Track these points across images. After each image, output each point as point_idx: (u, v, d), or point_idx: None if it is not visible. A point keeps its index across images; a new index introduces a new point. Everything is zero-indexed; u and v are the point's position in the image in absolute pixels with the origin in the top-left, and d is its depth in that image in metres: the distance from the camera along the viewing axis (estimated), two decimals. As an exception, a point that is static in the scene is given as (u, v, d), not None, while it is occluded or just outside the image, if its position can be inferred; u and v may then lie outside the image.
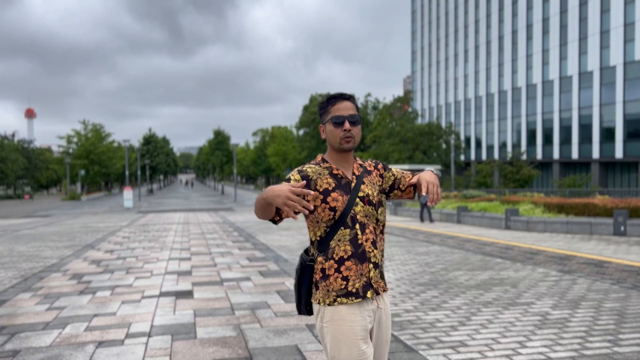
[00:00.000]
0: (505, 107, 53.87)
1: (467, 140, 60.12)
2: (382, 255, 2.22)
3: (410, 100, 67.27)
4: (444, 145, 49.61)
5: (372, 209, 2.17)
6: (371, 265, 2.12)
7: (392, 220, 20.68)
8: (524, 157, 45.16)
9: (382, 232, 2.23)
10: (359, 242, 2.11)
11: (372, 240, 2.14)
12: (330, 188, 2.12)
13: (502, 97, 54.28)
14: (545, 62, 48.03)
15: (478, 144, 58.80)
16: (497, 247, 11.17)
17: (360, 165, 2.27)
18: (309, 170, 2.17)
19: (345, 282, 2.07)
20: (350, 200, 2.13)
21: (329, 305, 2.08)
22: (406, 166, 40.75)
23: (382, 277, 2.19)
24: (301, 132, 65.80)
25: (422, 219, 20.03)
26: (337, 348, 2.05)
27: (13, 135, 76.23)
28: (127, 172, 45.44)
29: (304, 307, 2.21)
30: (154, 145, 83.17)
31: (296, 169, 2.21)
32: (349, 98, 2.19)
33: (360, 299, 2.07)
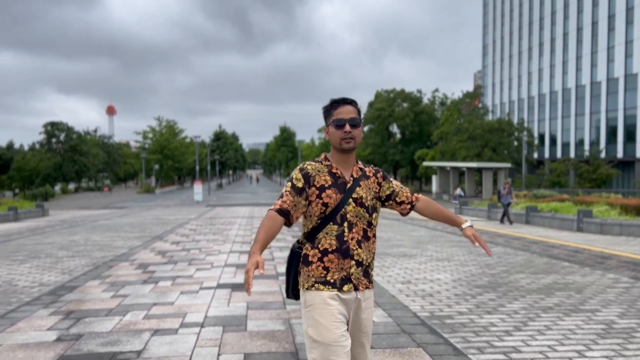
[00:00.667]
0: (583, 103, 50.97)
1: (541, 137, 57.45)
2: (372, 257, 2.39)
3: (480, 95, 65.18)
4: (515, 143, 47.68)
5: (363, 211, 2.34)
6: (353, 262, 2.29)
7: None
8: (603, 155, 42.55)
9: (374, 236, 2.40)
10: (344, 239, 2.28)
11: (357, 239, 2.31)
12: (326, 185, 2.30)
13: (580, 92, 51.38)
14: (628, 55, 44.92)
15: (553, 141, 56.06)
16: (565, 249, 10.61)
17: (361, 169, 2.44)
18: (309, 167, 2.35)
19: (325, 272, 2.26)
20: (343, 199, 2.30)
21: (307, 289, 2.26)
22: (474, 164, 39.57)
23: (365, 275, 2.35)
24: (365, 128, 65.44)
25: (502, 220, 18.55)
26: (318, 331, 2.20)
27: (95, 131, 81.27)
28: (197, 167, 47.23)
29: (292, 291, 2.38)
30: (223, 141, 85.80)
31: (299, 167, 2.40)
32: (351, 102, 2.38)
33: (336, 290, 2.24)
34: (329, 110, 2.39)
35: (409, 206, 2.55)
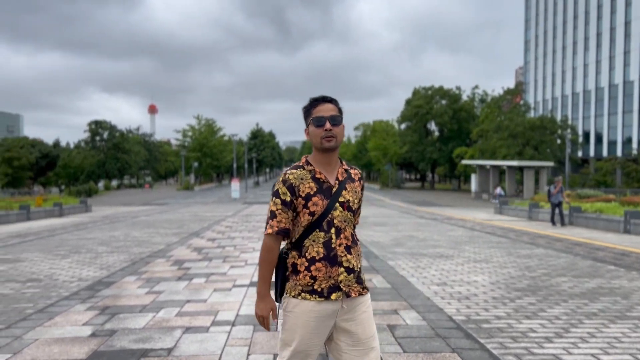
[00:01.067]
0: (631, 99, 48.95)
1: (586, 135, 55.55)
2: (358, 261, 2.30)
3: (522, 92, 63.50)
4: (558, 141, 46.22)
5: (350, 215, 2.27)
6: (342, 269, 2.21)
7: (496, 220, 19.67)
8: (652, 154, 40.76)
9: (354, 240, 2.31)
10: (332, 245, 2.21)
11: (346, 245, 2.24)
12: (311, 192, 2.22)
13: (628, 89, 49.36)
14: (681, 48, 42.83)
15: (598, 139, 54.13)
16: (611, 252, 10.16)
17: (346, 170, 2.35)
18: (291, 177, 2.24)
19: (312, 281, 2.20)
20: (329, 204, 2.22)
21: (293, 297, 2.21)
22: (515, 162, 38.59)
23: (359, 281, 2.28)
24: (403, 126, 64.85)
25: (553, 222, 17.04)
26: (291, 336, 2.21)
27: (137, 129, 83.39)
28: (235, 165, 47.80)
29: (279, 297, 2.32)
30: (260, 139, 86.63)
31: (281, 179, 2.27)
32: (331, 101, 2.31)
33: (323, 299, 2.19)
34: (308, 110, 2.31)
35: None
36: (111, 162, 66.22)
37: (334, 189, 2.25)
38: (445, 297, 6.09)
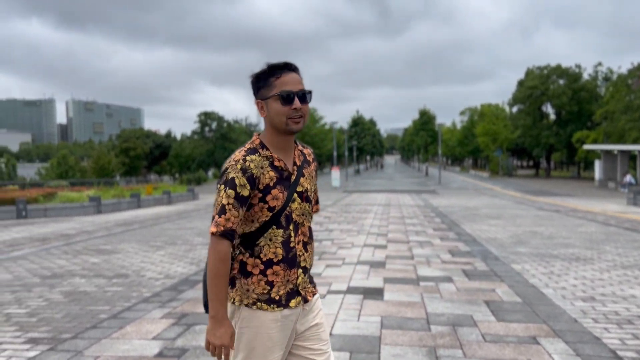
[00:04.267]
0: None
1: None
2: (312, 258, 1.99)
3: (655, 67, 56.25)
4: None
5: (308, 207, 1.95)
6: (300, 271, 1.91)
7: (632, 213, 16.99)
8: None
9: (311, 235, 1.98)
10: (291, 244, 1.88)
11: (303, 242, 1.92)
12: (271, 184, 1.83)
13: None
14: None
15: None
16: None
17: (301, 152, 1.99)
18: (252, 165, 1.80)
19: (269, 288, 1.85)
20: (288, 196, 1.86)
21: (246, 306, 1.84)
22: (648, 147, 33.96)
23: (311, 281, 1.99)
24: (514, 109, 60.39)
25: None
26: (250, 355, 1.85)
27: (246, 119, 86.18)
28: (335, 153, 47.34)
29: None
30: (361, 127, 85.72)
31: (239, 166, 1.79)
32: (296, 69, 1.87)
33: (282, 308, 1.86)
34: (266, 79, 1.83)
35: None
36: (219, 151, 68.91)
37: (293, 177, 1.88)
38: (598, 318, 4.68)
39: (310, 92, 1.87)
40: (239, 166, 1.78)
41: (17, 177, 43.49)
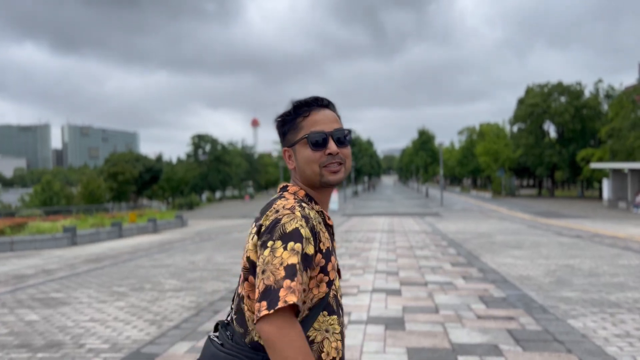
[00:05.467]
0: None
1: None
2: None
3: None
4: None
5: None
6: None
7: (664, 237, 15.31)
8: None
9: None
10: (343, 335, 1.41)
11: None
12: (330, 248, 1.38)
13: None
14: None
15: None
16: None
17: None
18: (311, 214, 1.34)
19: None
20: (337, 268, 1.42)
21: None
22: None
23: None
24: (515, 128, 59.16)
25: None
26: None
27: (242, 142, 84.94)
28: (332, 175, 45.74)
29: None
30: (358, 147, 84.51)
31: (299, 214, 1.30)
32: (329, 105, 1.48)
33: None
34: (292, 121, 1.45)
35: None
36: (213, 174, 67.36)
37: (334, 242, 1.45)
38: None
39: (349, 132, 1.47)
40: (298, 213, 1.30)
41: (2, 204, 41.71)
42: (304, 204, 1.37)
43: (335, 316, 1.37)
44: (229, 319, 1.43)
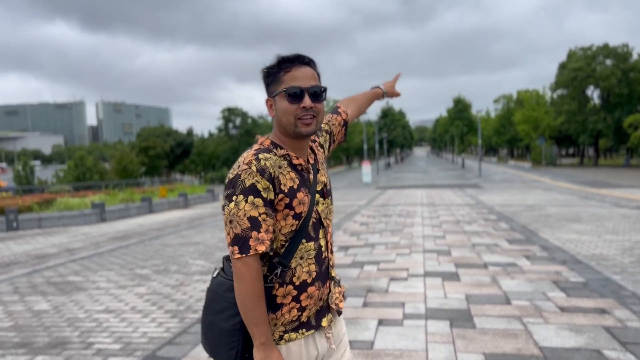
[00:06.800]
0: None
1: None
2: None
3: None
4: None
5: (330, 201, 1.72)
6: (332, 283, 1.70)
7: None
8: None
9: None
10: (323, 256, 1.64)
11: (330, 246, 1.70)
12: (294, 186, 1.56)
13: None
14: None
15: None
16: None
17: (312, 140, 1.78)
18: (267, 164, 1.53)
19: (300, 313, 1.59)
20: (311, 199, 1.60)
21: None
22: None
23: (337, 285, 1.75)
24: (556, 94, 56.32)
25: None
26: None
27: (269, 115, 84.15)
28: (365, 146, 44.53)
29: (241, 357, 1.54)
30: (391, 118, 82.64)
31: (254, 167, 1.50)
32: (309, 62, 1.63)
33: (312, 330, 1.61)
34: (275, 74, 1.60)
35: (344, 129, 1.97)
36: (244, 148, 66.80)
37: (310, 175, 1.64)
38: None
39: (324, 90, 1.63)
40: (253, 168, 1.50)
41: (39, 180, 42.20)
42: (261, 155, 1.53)
43: (312, 242, 1.59)
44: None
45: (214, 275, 1.63)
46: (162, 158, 46.99)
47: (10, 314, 5.36)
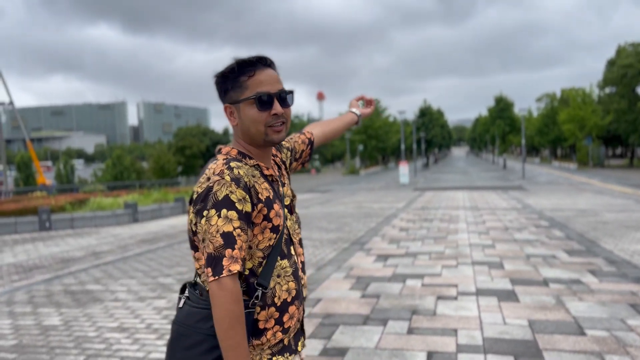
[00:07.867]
0: None
1: None
2: None
3: None
4: None
5: (296, 217, 1.63)
6: (304, 303, 1.61)
7: None
8: None
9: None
10: (299, 273, 1.55)
11: (303, 264, 1.60)
12: (270, 197, 1.47)
13: None
14: None
15: None
16: None
17: (274, 154, 1.67)
18: (241, 172, 1.41)
19: (283, 335, 1.50)
20: (284, 213, 1.52)
21: None
22: None
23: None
24: (604, 92, 53.76)
25: None
26: None
27: (308, 114, 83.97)
28: (402, 146, 43.49)
29: None
30: (429, 117, 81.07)
31: (227, 177, 1.38)
32: (271, 64, 1.52)
33: (293, 355, 1.55)
34: (235, 78, 1.47)
35: (309, 149, 1.84)
36: (280, 148, 66.81)
37: (281, 188, 1.56)
38: None
39: (291, 93, 1.53)
40: (227, 177, 1.38)
41: (79, 179, 43.06)
42: (232, 164, 1.42)
43: (286, 259, 1.49)
44: (196, 279, 1.49)
45: (180, 305, 1.47)
46: (198, 157, 47.22)
47: (17, 330, 4.90)
